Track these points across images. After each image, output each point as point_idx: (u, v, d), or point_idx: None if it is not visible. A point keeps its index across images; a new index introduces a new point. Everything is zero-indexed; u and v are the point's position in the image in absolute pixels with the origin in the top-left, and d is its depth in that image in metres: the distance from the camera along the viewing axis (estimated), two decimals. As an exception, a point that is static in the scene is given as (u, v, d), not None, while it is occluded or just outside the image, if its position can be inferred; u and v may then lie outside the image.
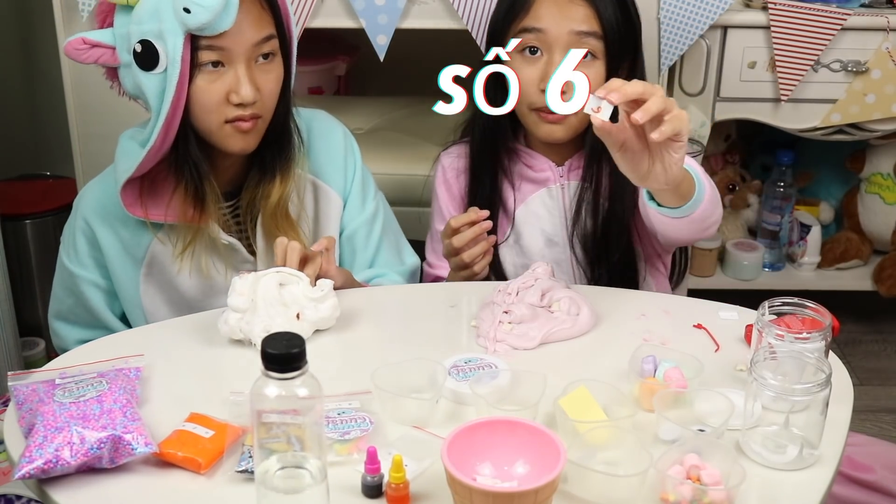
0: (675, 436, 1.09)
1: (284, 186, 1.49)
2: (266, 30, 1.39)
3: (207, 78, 1.37)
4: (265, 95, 1.41)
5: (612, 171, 1.61)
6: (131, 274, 1.50)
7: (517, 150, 1.67)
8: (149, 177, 1.44)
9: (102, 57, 1.39)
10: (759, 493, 1.05)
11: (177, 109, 1.35)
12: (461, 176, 1.70)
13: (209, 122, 1.40)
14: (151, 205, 1.44)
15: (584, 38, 1.54)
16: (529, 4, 1.56)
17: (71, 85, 2.12)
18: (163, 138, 1.37)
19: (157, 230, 1.47)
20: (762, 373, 1.07)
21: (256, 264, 1.51)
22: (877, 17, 2.11)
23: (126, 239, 1.49)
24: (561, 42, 1.54)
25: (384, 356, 1.24)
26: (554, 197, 1.66)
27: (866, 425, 2.32)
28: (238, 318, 1.29)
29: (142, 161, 1.38)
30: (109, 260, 1.50)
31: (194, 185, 1.42)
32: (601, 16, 1.55)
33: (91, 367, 1.18)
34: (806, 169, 2.70)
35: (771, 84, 2.17)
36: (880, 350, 2.66)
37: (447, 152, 1.74)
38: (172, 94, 1.33)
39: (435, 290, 1.50)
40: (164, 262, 1.49)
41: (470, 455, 1.00)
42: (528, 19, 1.56)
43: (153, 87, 1.35)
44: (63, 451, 1.03)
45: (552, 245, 1.67)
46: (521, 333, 1.32)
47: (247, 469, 1.04)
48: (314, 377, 0.93)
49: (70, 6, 2.07)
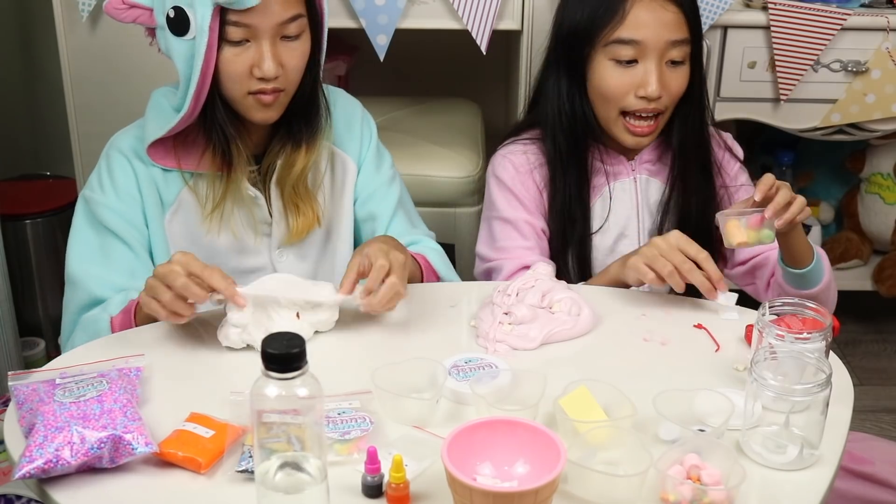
0: (675, 436, 1.09)
1: (310, 157, 1.52)
2: (293, 9, 1.41)
3: (234, 50, 1.40)
4: (289, 71, 1.44)
5: (697, 170, 1.64)
6: (157, 212, 1.52)
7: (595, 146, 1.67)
8: (182, 135, 1.49)
9: (140, 17, 1.44)
10: (759, 493, 1.05)
11: (206, 77, 1.40)
12: (536, 171, 1.67)
13: (234, 91, 1.43)
14: (184, 157, 1.50)
15: (677, 46, 1.56)
16: (624, 12, 1.55)
17: (71, 85, 2.13)
18: (194, 105, 1.42)
19: (189, 179, 1.51)
20: (762, 373, 1.07)
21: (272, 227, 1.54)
22: (877, 17, 2.11)
23: (158, 178, 1.51)
24: (657, 52, 1.55)
25: (384, 356, 1.24)
26: (627, 190, 1.67)
27: (866, 425, 2.32)
28: (238, 332, 1.29)
29: (174, 125, 1.44)
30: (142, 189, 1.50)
31: (222, 148, 1.47)
32: (689, 21, 1.57)
33: (91, 366, 1.18)
34: (806, 169, 2.70)
35: (771, 84, 2.17)
36: (880, 350, 2.66)
37: (509, 149, 1.71)
38: (201, 63, 1.38)
39: (435, 290, 1.50)
40: (190, 211, 1.52)
41: (470, 455, 1.00)
42: (622, 29, 1.55)
43: (182, 53, 1.40)
44: (63, 450, 1.03)
45: (622, 238, 1.68)
46: (521, 334, 1.32)
47: (247, 469, 1.04)
48: (314, 377, 0.93)
49: (70, 6, 2.07)
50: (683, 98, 1.61)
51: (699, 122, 1.66)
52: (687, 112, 1.64)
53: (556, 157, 1.65)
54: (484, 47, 2.04)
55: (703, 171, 1.68)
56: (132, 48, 2.04)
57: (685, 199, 1.66)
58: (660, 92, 1.56)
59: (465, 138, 2.27)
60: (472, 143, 2.26)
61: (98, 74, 2.13)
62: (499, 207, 1.68)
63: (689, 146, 1.65)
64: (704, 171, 1.68)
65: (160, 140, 1.47)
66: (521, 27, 2.08)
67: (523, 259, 1.62)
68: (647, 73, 1.56)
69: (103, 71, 2.13)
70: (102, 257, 1.48)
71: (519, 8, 2.06)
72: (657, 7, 1.55)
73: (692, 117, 1.64)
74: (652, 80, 1.55)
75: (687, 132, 1.65)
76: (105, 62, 2.12)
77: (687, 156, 1.65)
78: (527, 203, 1.67)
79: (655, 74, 1.55)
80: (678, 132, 1.64)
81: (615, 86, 1.57)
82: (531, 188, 1.67)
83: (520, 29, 2.08)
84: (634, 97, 1.57)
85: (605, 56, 1.58)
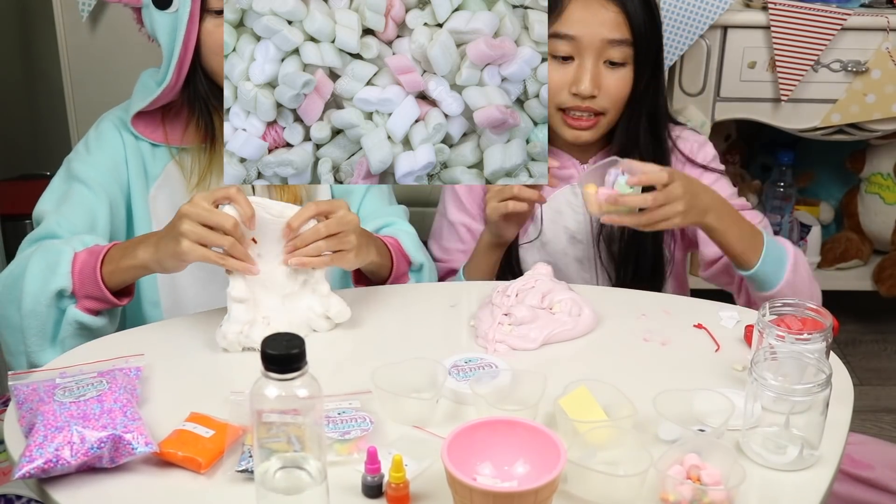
0: (675, 436, 1.09)
1: None
2: None
3: (215, 21, 1.44)
4: None
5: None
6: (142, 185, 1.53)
7: None
8: (168, 109, 1.53)
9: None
10: (759, 493, 1.05)
11: (188, 47, 1.43)
12: None
13: (215, 63, 1.46)
14: (171, 131, 1.53)
15: (615, 46, 1.56)
16: (561, 8, 1.56)
17: (71, 85, 2.13)
18: (176, 77, 1.45)
19: (176, 154, 1.53)
20: (762, 373, 1.07)
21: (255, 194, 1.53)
22: (877, 17, 2.11)
23: (146, 152, 1.53)
24: (593, 49, 1.55)
25: (384, 356, 1.24)
26: (577, 194, 1.66)
27: (866, 425, 2.32)
28: (237, 331, 1.29)
29: (156, 97, 1.47)
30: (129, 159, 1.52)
31: (205, 120, 1.50)
32: (632, 21, 1.55)
33: (91, 366, 1.18)
34: (806, 169, 2.70)
35: (771, 84, 2.17)
36: (880, 350, 2.66)
37: None
38: (183, 32, 1.42)
39: (435, 290, 1.50)
40: (175, 185, 1.53)
41: (470, 455, 1.00)
42: (559, 24, 1.56)
43: (165, 26, 1.44)
44: (63, 450, 1.03)
45: (576, 243, 1.67)
46: (521, 335, 1.32)
47: (247, 469, 1.04)
48: (314, 377, 0.93)
49: (70, 6, 2.07)
50: (629, 101, 1.60)
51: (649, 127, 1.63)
52: (630, 115, 1.62)
53: None
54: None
55: None
56: (132, 48, 2.04)
57: None
58: (593, 90, 1.55)
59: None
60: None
61: (98, 74, 2.14)
62: (446, 206, 1.74)
63: (631, 150, 1.61)
64: None
65: (150, 116, 1.51)
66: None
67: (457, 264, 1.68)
68: (580, 70, 1.56)
69: (103, 71, 2.13)
70: (65, 200, 1.48)
71: (519, 8, 2.06)
72: (595, 5, 1.55)
73: (634, 121, 1.62)
74: (585, 77, 1.55)
75: (629, 136, 1.63)
76: (105, 62, 2.12)
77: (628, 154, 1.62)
78: (469, 207, 1.71)
79: (590, 73, 1.55)
80: (619, 135, 1.63)
81: (551, 81, 1.55)
82: (474, 191, 1.70)
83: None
84: (569, 94, 1.57)
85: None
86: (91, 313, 1.35)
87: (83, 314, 1.34)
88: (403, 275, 1.54)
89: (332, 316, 1.34)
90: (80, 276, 1.33)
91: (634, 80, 1.59)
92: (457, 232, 1.72)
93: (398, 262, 1.52)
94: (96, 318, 1.36)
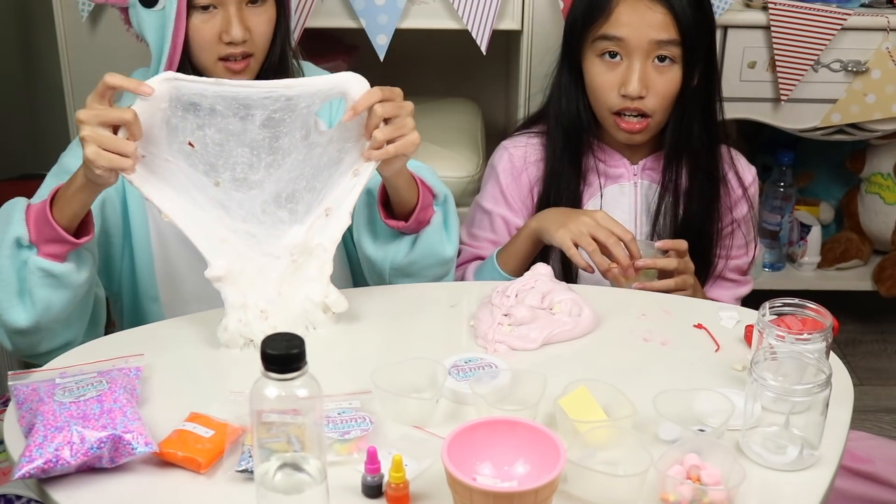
0: (675, 436, 1.09)
1: None
2: None
3: (202, 17, 1.45)
4: (256, 36, 1.48)
5: (691, 173, 1.64)
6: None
7: (592, 144, 1.69)
8: None
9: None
10: (759, 493, 1.05)
11: (177, 44, 1.44)
12: (531, 167, 1.70)
13: (204, 59, 1.48)
14: None
15: (664, 47, 1.57)
16: (609, 10, 1.57)
17: (71, 85, 2.13)
18: None
19: None
20: (762, 373, 1.07)
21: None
22: (877, 17, 2.11)
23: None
24: (641, 50, 1.57)
25: (384, 356, 1.24)
26: (626, 194, 1.68)
27: (866, 425, 2.32)
28: (236, 319, 1.29)
29: None
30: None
31: None
32: (679, 21, 1.56)
33: (91, 366, 1.18)
34: (806, 169, 2.70)
35: (771, 84, 2.17)
36: (880, 350, 2.66)
37: (513, 141, 1.75)
38: (171, 29, 1.42)
39: (435, 290, 1.50)
40: None
41: (470, 455, 1.00)
42: (607, 26, 1.57)
43: (153, 24, 1.45)
44: (63, 450, 1.03)
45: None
46: (521, 335, 1.31)
47: (247, 469, 1.04)
48: (314, 377, 0.93)
49: (70, 6, 2.07)
50: (678, 101, 1.61)
51: (701, 127, 1.65)
52: (681, 116, 1.63)
53: (552, 152, 1.67)
54: (484, 47, 2.04)
55: (707, 179, 1.67)
56: (132, 48, 2.03)
57: (679, 203, 1.66)
58: (641, 91, 1.57)
59: (464, 138, 2.27)
60: (472, 142, 2.26)
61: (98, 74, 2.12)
62: (484, 195, 1.74)
63: (683, 150, 1.64)
64: (709, 178, 1.67)
65: None
66: (522, 27, 2.08)
67: (485, 251, 1.68)
68: (629, 71, 1.57)
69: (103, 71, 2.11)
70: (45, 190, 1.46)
71: (519, 8, 2.06)
72: (642, 7, 1.56)
73: (687, 121, 1.64)
74: (633, 78, 1.56)
75: (680, 136, 1.64)
76: (105, 62, 2.11)
77: (679, 160, 1.65)
78: (510, 200, 1.71)
79: (637, 73, 1.56)
80: (670, 135, 1.65)
81: (600, 82, 1.60)
82: (521, 185, 1.70)
83: (520, 29, 2.08)
84: (618, 95, 1.59)
85: (594, 52, 1.61)
86: (55, 259, 1.33)
87: (44, 260, 1.32)
88: (429, 206, 1.51)
89: (330, 304, 1.34)
90: (36, 222, 1.33)
91: (684, 80, 1.60)
92: (491, 222, 1.72)
93: (423, 191, 1.50)
94: (60, 265, 1.33)
